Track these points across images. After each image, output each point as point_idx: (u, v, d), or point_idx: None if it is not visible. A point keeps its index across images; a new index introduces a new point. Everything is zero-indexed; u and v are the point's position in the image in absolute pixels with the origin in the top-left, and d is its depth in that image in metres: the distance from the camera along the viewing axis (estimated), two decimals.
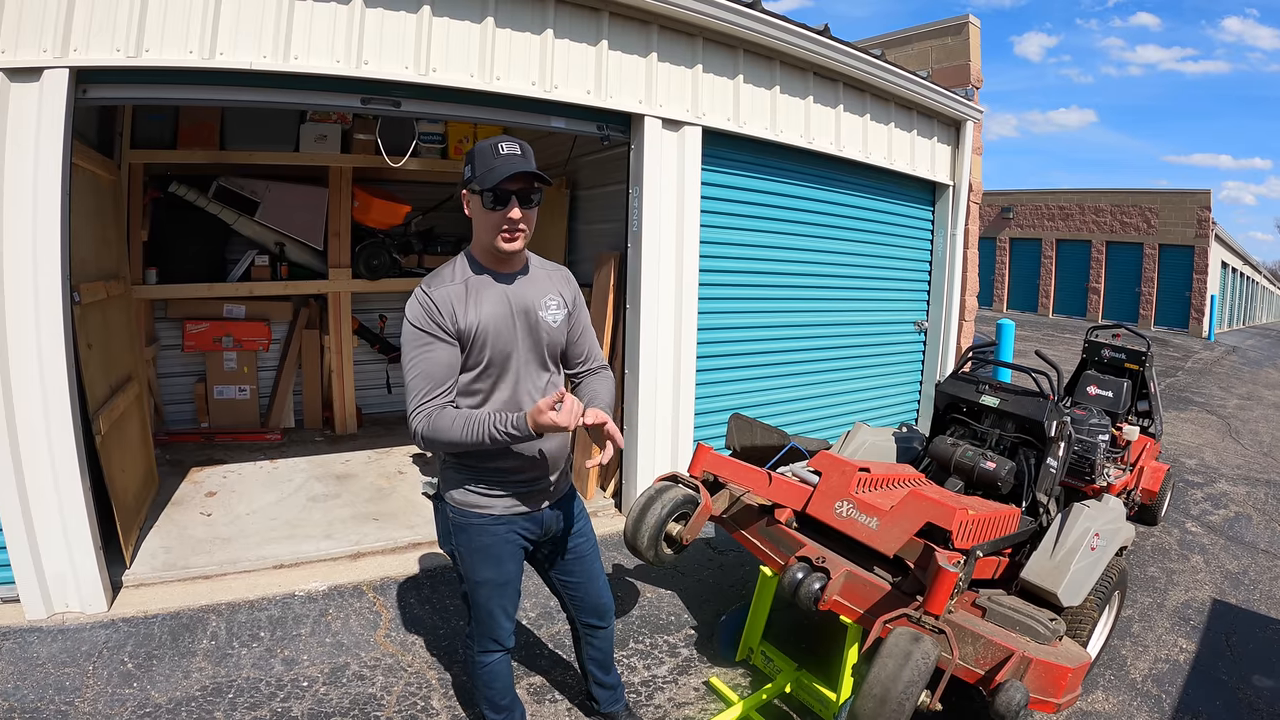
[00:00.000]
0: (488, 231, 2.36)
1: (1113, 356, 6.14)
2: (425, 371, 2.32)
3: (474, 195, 2.35)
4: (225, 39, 3.79)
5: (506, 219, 2.31)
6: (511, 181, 2.28)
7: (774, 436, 4.32)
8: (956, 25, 8.37)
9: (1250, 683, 3.86)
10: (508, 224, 2.32)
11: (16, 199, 3.49)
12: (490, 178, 2.27)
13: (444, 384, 2.34)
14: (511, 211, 2.31)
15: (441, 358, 2.34)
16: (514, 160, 2.29)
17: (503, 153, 2.30)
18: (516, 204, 2.31)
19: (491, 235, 2.36)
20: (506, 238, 2.35)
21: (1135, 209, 24.86)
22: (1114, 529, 3.70)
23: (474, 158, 2.34)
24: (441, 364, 2.34)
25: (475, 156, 2.34)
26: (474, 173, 2.33)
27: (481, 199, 2.32)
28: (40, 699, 3.23)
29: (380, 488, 5.96)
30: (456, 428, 2.27)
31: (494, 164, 2.29)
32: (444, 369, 2.34)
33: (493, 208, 2.31)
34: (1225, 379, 14.96)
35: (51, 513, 3.73)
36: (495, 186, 2.28)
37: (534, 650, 3.81)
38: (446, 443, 2.31)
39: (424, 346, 2.33)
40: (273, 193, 6.95)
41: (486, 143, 2.34)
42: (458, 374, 2.39)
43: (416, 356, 2.33)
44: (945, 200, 7.60)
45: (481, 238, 2.41)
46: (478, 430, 2.26)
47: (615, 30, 4.89)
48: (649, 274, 5.25)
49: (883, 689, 2.45)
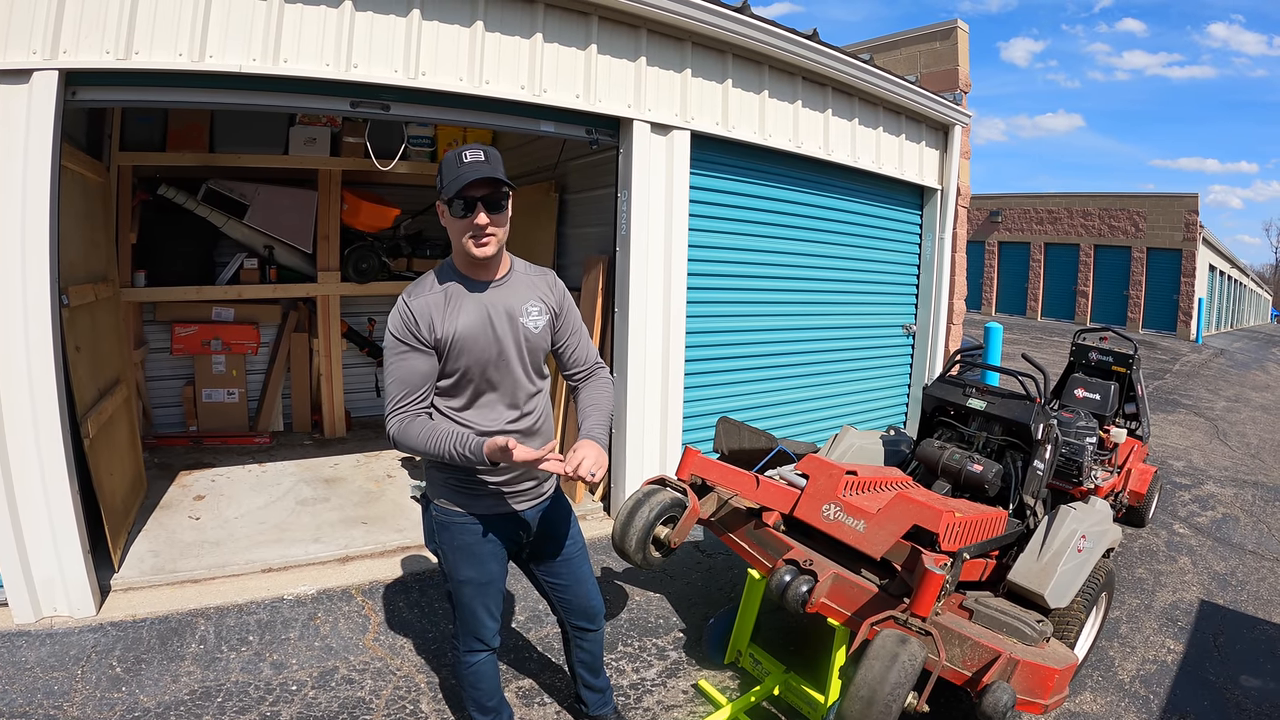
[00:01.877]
0: (460, 239, 2.40)
1: (1100, 359, 6.17)
2: (401, 378, 2.42)
3: (444, 205, 2.39)
4: (215, 41, 3.79)
5: (474, 225, 2.35)
6: (475, 187, 2.32)
7: (762, 440, 4.34)
8: (944, 30, 8.41)
9: (1238, 683, 3.89)
10: (474, 230, 2.36)
11: (5, 201, 3.48)
12: (454, 185, 2.31)
13: (418, 390, 2.43)
14: (478, 217, 2.34)
15: (417, 366, 2.42)
16: (477, 166, 2.32)
17: (466, 160, 2.34)
18: (483, 209, 2.34)
19: (463, 241, 2.39)
20: (476, 243, 2.38)
21: (1123, 213, 24.96)
22: (1100, 531, 3.73)
23: (442, 168, 2.39)
24: (417, 372, 2.42)
25: (443, 167, 2.39)
26: (442, 182, 2.37)
27: (450, 208, 2.36)
28: (28, 703, 3.21)
29: (369, 491, 5.95)
30: (422, 438, 2.37)
31: (459, 171, 2.32)
32: (419, 376, 2.42)
33: (461, 215, 2.35)
34: (1213, 381, 15.05)
35: (39, 516, 3.71)
36: (460, 193, 2.31)
37: (523, 653, 3.81)
38: (412, 450, 2.41)
39: (401, 355, 2.42)
40: (262, 195, 6.94)
41: (452, 153, 2.39)
42: (434, 381, 2.47)
43: (394, 363, 2.43)
44: (934, 204, 7.64)
45: (456, 246, 2.44)
46: (439, 445, 2.34)
47: (604, 34, 4.90)
48: (637, 278, 5.26)
49: (870, 690, 2.46)
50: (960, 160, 7.66)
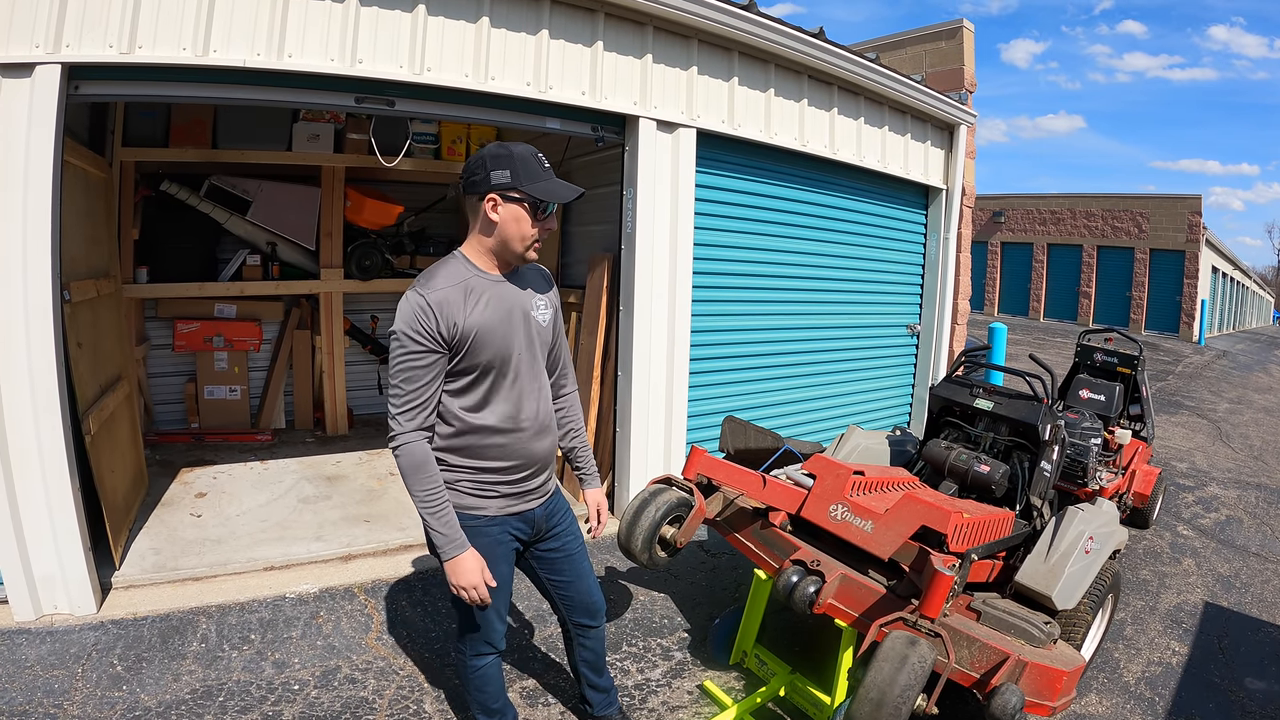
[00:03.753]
0: (519, 239, 2.36)
1: (1105, 360, 6.15)
2: (411, 380, 2.32)
3: (512, 201, 2.32)
4: (219, 36, 3.77)
5: (545, 229, 2.37)
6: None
7: (768, 439, 4.31)
8: (950, 29, 8.40)
9: (1243, 685, 3.87)
10: (543, 232, 2.38)
11: (7, 195, 3.46)
12: (547, 191, 2.33)
13: (425, 395, 2.34)
14: (551, 222, 2.38)
15: (430, 368, 2.33)
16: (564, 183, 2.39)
17: (547, 165, 2.37)
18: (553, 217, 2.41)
19: (520, 242, 2.37)
20: (534, 248, 2.41)
21: (1126, 214, 24.95)
22: (1108, 532, 3.71)
23: (514, 162, 2.30)
24: (429, 375, 2.33)
25: (516, 161, 2.30)
26: (516, 179, 2.30)
27: (533, 209, 2.33)
28: (28, 702, 3.19)
29: (371, 489, 5.93)
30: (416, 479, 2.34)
31: (543, 176, 2.33)
32: (429, 381, 2.34)
33: (543, 216, 2.37)
34: (1215, 383, 15.03)
35: (40, 513, 3.70)
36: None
37: (526, 654, 3.79)
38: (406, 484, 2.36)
39: (414, 355, 2.30)
40: (265, 192, 6.91)
41: (523, 149, 2.34)
42: (442, 384, 2.39)
43: (406, 362, 2.31)
44: (938, 204, 7.62)
45: (507, 243, 2.38)
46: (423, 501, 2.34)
47: (610, 31, 4.89)
48: (643, 276, 5.24)
49: (879, 693, 2.44)
50: (965, 160, 7.64)
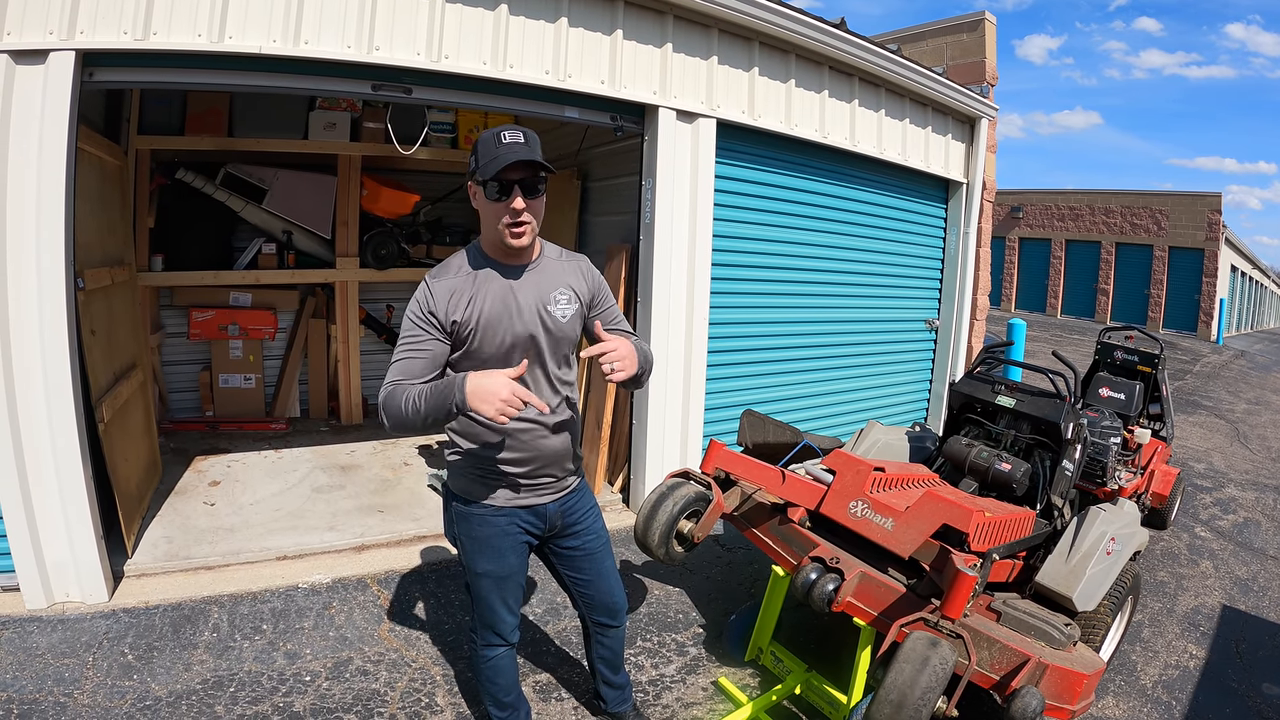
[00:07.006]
0: (493, 224, 2.33)
1: (1125, 359, 6.07)
2: (406, 359, 2.33)
3: (478, 186, 2.32)
4: (234, 22, 3.73)
5: (510, 209, 2.27)
6: (513, 170, 2.24)
7: (786, 434, 4.27)
8: (972, 22, 8.30)
9: (1260, 690, 3.82)
10: (511, 214, 2.28)
11: (21, 183, 3.44)
12: (492, 166, 2.23)
13: (419, 376, 2.32)
14: (515, 201, 2.26)
15: (426, 350, 2.34)
16: (516, 148, 2.24)
17: (505, 141, 2.25)
18: (520, 193, 2.27)
19: (497, 228, 2.32)
20: (514, 232, 2.31)
21: (1145, 211, 24.70)
22: (1129, 533, 3.66)
23: (478, 148, 2.31)
24: (424, 356, 2.34)
25: (479, 146, 2.31)
26: (477, 163, 2.30)
27: (485, 189, 2.28)
28: (39, 690, 3.19)
29: (385, 479, 5.92)
30: (398, 404, 2.24)
31: (496, 153, 2.24)
32: (424, 362, 2.34)
33: (497, 198, 2.28)
34: (1233, 383, 14.88)
35: (53, 501, 3.69)
36: (498, 175, 2.23)
37: (540, 647, 3.76)
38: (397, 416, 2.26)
39: (413, 336, 2.35)
40: (281, 180, 6.90)
41: (489, 132, 2.30)
42: (440, 369, 2.38)
43: (405, 343, 2.36)
44: (959, 198, 7.53)
45: (488, 230, 2.38)
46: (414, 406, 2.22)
47: (630, 20, 4.83)
48: (661, 267, 5.19)
49: (900, 694, 2.41)
50: (986, 154, 7.54)
